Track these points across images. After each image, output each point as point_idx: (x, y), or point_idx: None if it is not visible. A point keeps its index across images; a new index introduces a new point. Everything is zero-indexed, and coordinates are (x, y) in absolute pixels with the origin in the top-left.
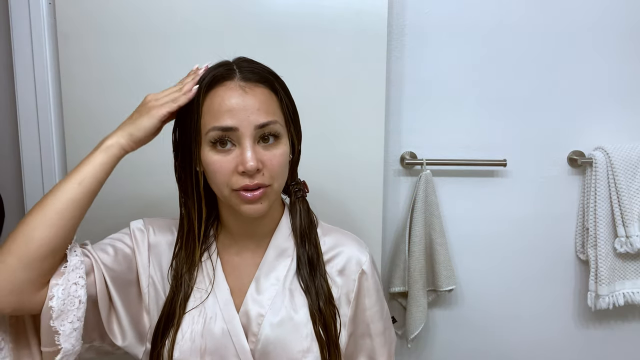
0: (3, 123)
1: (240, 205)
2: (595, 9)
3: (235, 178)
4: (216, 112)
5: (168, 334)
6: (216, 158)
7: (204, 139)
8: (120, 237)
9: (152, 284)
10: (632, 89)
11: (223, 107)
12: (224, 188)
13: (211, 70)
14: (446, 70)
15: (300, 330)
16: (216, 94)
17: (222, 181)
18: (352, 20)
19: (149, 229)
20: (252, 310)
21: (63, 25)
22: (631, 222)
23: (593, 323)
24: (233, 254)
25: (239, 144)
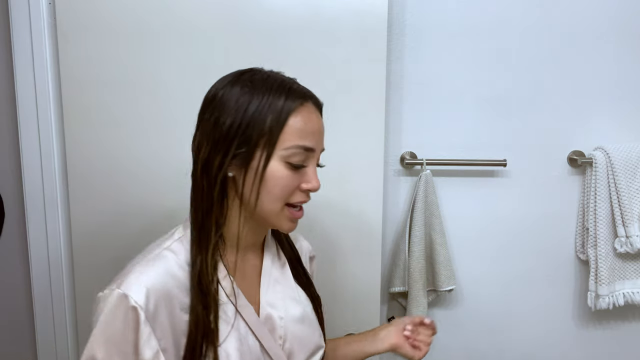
0: (3, 123)
1: (284, 221)
2: (596, 9)
3: (296, 194)
4: (301, 131)
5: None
6: (287, 173)
7: (278, 152)
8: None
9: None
10: (632, 89)
11: (308, 128)
12: (279, 202)
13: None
14: (446, 70)
15: (314, 324)
16: (300, 113)
17: (282, 195)
18: (352, 20)
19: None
20: (273, 315)
21: (63, 25)
22: (631, 222)
23: (593, 323)
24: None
25: (309, 164)
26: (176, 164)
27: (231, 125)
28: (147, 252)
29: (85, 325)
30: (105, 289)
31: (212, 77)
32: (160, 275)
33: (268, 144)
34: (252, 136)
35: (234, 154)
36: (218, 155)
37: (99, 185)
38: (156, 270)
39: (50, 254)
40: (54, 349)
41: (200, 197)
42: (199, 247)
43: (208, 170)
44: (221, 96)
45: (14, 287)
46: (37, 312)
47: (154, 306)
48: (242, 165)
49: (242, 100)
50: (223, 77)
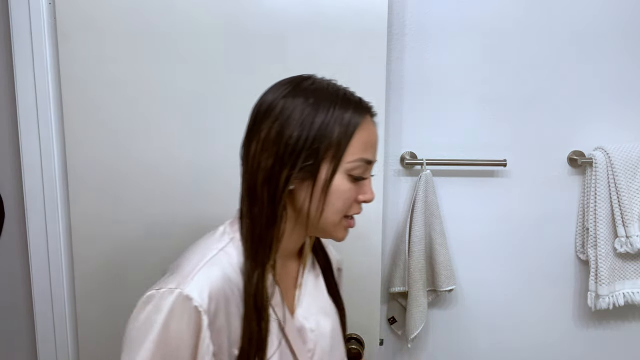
0: (3, 123)
1: (340, 232)
2: (596, 9)
3: (354, 206)
4: (366, 144)
5: None
6: (350, 186)
7: (344, 165)
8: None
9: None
10: (632, 89)
11: (371, 141)
12: (338, 214)
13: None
14: (446, 70)
15: (340, 339)
16: (365, 127)
17: (343, 208)
18: (352, 20)
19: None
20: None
21: (63, 25)
22: (631, 222)
23: (593, 323)
24: (281, 277)
25: (366, 177)
26: (176, 165)
27: (298, 138)
28: (202, 253)
29: (86, 325)
30: (161, 288)
31: (212, 77)
32: (220, 279)
33: (335, 157)
34: (320, 149)
35: (300, 167)
36: (284, 169)
37: (99, 185)
38: (216, 274)
39: (50, 254)
40: (54, 348)
41: (259, 210)
42: (255, 261)
43: (272, 184)
44: (282, 107)
45: (14, 287)
46: (37, 312)
47: (215, 311)
48: (306, 178)
49: (308, 112)
50: (277, 86)
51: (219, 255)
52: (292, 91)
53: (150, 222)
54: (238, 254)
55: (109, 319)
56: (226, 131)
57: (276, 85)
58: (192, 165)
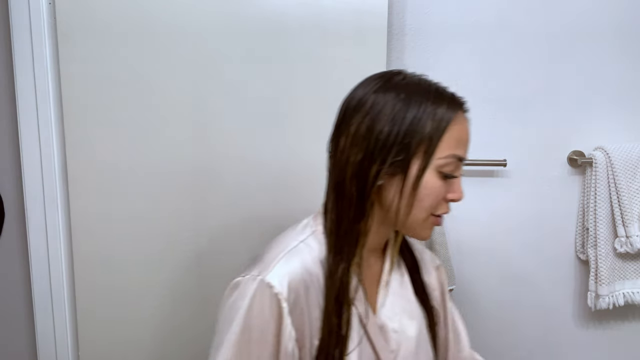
0: (3, 123)
1: (426, 230)
2: (596, 9)
3: (442, 204)
4: (458, 140)
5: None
6: (440, 183)
7: (435, 161)
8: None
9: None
10: (632, 89)
11: (464, 137)
12: (426, 211)
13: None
14: (446, 70)
15: (428, 344)
16: (457, 122)
17: (431, 205)
18: (352, 20)
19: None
20: (388, 327)
21: (63, 25)
22: (631, 222)
23: (593, 323)
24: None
25: (457, 175)
26: (176, 164)
27: (389, 133)
28: (284, 244)
29: (86, 325)
30: (245, 275)
31: (212, 77)
32: (299, 269)
33: (426, 152)
34: (411, 144)
35: (391, 163)
36: (374, 164)
37: (99, 185)
38: (295, 264)
39: (50, 254)
40: (54, 348)
41: (347, 205)
42: (340, 256)
43: (361, 178)
44: (373, 102)
45: (14, 287)
46: (37, 312)
47: (294, 299)
48: (395, 174)
49: (399, 107)
50: (367, 82)
51: (300, 247)
52: (383, 86)
53: (151, 222)
54: (319, 247)
55: (109, 319)
56: (226, 131)
57: (366, 80)
58: (193, 165)
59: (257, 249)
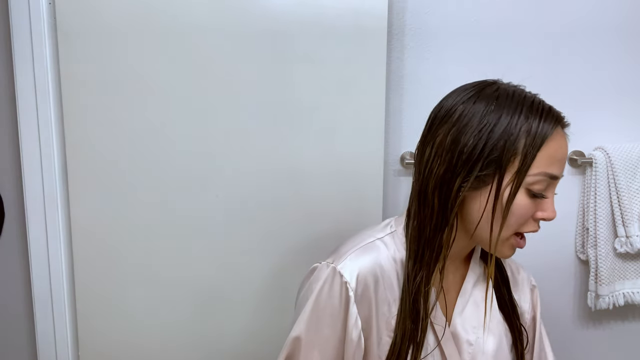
0: (3, 123)
1: (507, 249)
2: (596, 9)
3: (530, 223)
4: (552, 158)
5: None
6: (528, 202)
7: (527, 179)
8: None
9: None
10: (632, 88)
11: (559, 155)
12: (509, 230)
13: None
14: (446, 70)
15: (508, 358)
16: (555, 138)
17: (516, 224)
18: (352, 20)
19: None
20: (461, 338)
21: (63, 25)
22: (631, 222)
23: (593, 323)
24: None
25: (548, 193)
26: (176, 164)
27: (474, 147)
28: (361, 238)
29: (86, 325)
30: (322, 262)
31: (212, 77)
32: (371, 264)
33: (519, 170)
34: (501, 159)
35: (477, 176)
36: (458, 178)
37: (99, 185)
38: (368, 258)
39: (50, 254)
40: (54, 348)
41: (430, 214)
42: (421, 263)
43: (443, 191)
44: (461, 113)
45: (14, 287)
46: (37, 312)
47: (362, 291)
48: (480, 188)
49: (488, 119)
50: (458, 91)
51: (376, 243)
52: (473, 97)
53: (151, 222)
54: (396, 246)
55: (109, 319)
56: (226, 131)
57: (458, 89)
58: (192, 165)
59: (257, 248)
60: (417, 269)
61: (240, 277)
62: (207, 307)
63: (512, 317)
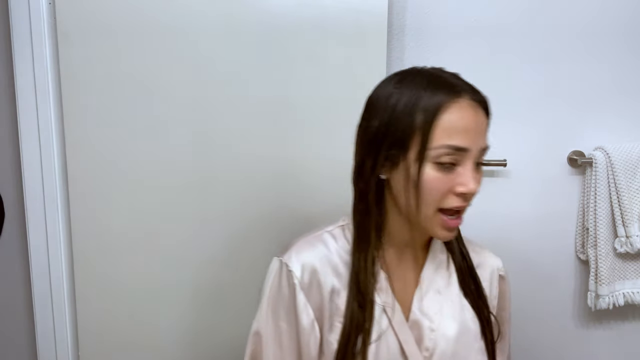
0: (3, 123)
1: (436, 229)
2: (596, 9)
3: (449, 198)
4: (451, 130)
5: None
6: (437, 175)
7: (429, 153)
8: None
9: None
10: (632, 88)
11: (459, 126)
12: (431, 207)
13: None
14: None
15: (474, 345)
16: (451, 111)
17: (434, 199)
18: (352, 20)
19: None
20: (423, 325)
21: (63, 25)
22: (631, 222)
23: (593, 323)
24: (394, 267)
25: (463, 165)
26: (176, 164)
27: (379, 126)
28: (311, 233)
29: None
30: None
31: (212, 77)
32: (317, 254)
33: (418, 144)
34: (402, 136)
35: (385, 156)
36: (369, 159)
37: (99, 185)
38: (313, 249)
39: (50, 254)
40: (54, 348)
41: (357, 199)
42: (358, 247)
43: (362, 173)
44: (372, 99)
45: (14, 287)
46: (37, 312)
47: (308, 280)
48: (394, 167)
49: (392, 100)
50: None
51: (323, 235)
52: (388, 81)
53: (151, 222)
54: (345, 238)
55: (109, 319)
56: (226, 131)
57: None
58: (192, 165)
59: (257, 248)
60: (355, 252)
61: (240, 277)
62: (208, 307)
63: (480, 304)
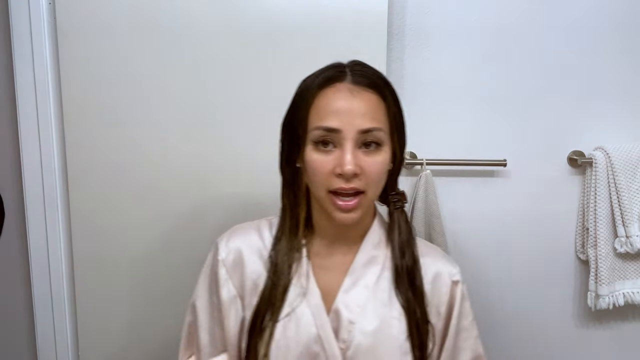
0: (3, 123)
1: (333, 211)
2: (596, 9)
3: (332, 179)
4: (322, 112)
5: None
6: (316, 157)
7: (308, 137)
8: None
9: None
10: (632, 88)
11: (329, 108)
12: (321, 188)
13: (323, 70)
14: (446, 70)
15: (394, 343)
16: (325, 95)
17: (319, 181)
18: (352, 20)
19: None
20: (342, 316)
21: (63, 25)
22: (631, 222)
23: (593, 323)
24: (323, 257)
25: (340, 146)
26: (176, 164)
27: (285, 115)
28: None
29: (86, 325)
30: None
31: (212, 77)
32: (245, 239)
33: (302, 131)
34: (296, 124)
35: (292, 145)
36: (283, 150)
37: (99, 185)
38: (244, 235)
39: (50, 254)
40: (54, 349)
41: (283, 187)
42: (282, 231)
43: (280, 164)
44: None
45: (14, 287)
46: (37, 312)
47: (233, 260)
48: (300, 155)
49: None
50: None
51: (261, 221)
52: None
53: (151, 222)
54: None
55: (109, 319)
56: (226, 131)
57: None
58: (192, 165)
59: None
60: (278, 237)
61: None
62: None
63: (413, 305)
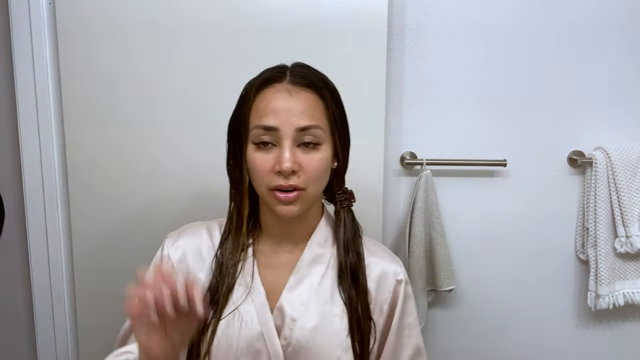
0: (3, 123)
1: (275, 205)
2: (596, 9)
3: (272, 177)
4: (261, 111)
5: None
6: (257, 155)
7: (249, 136)
8: None
9: None
10: (632, 88)
11: (268, 108)
12: (262, 186)
13: (265, 72)
14: (446, 70)
15: (335, 340)
16: (264, 95)
17: (260, 179)
18: (352, 20)
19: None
20: (286, 314)
21: (63, 25)
22: (631, 222)
23: (593, 323)
24: (269, 255)
25: (279, 145)
26: (176, 164)
27: (231, 116)
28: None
29: (86, 325)
30: None
31: (212, 77)
32: (194, 237)
33: (243, 130)
34: (238, 125)
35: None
36: (229, 150)
37: (99, 185)
38: (194, 233)
39: (50, 253)
40: (54, 349)
41: (230, 187)
42: (228, 230)
43: (227, 164)
44: None
45: (14, 287)
46: (37, 312)
47: (179, 258)
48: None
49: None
50: None
51: (212, 222)
52: None
53: (150, 221)
54: None
55: (108, 319)
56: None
57: None
58: (192, 164)
59: None
60: (224, 237)
61: None
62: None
63: (355, 302)
